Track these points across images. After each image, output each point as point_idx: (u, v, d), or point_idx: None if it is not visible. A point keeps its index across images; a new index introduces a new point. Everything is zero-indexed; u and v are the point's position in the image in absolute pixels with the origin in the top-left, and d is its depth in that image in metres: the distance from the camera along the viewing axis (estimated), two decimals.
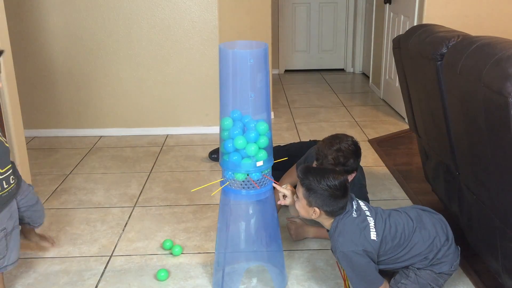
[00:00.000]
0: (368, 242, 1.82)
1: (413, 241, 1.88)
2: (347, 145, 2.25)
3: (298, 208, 1.91)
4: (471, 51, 1.82)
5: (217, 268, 2.09)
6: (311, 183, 1.83)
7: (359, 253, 1.81)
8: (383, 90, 5.04)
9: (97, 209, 2.81)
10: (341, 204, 1.85)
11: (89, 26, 3.80)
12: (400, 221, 1.90)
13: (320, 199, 1.83)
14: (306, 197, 1.85)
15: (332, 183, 1.82)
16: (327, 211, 1.85)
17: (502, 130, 1.59)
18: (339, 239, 1.84)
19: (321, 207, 1.84)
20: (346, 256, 1.82)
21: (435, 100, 2.22)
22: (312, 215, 1.87)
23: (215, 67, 3.82)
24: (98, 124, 4.05)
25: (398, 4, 4.52)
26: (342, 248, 1.82)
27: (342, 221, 1.86)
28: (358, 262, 1.81)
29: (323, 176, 1.83)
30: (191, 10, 3.83)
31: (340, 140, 2.28)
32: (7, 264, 1.91)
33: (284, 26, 6.40)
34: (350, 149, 2.24)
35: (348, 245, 1.82)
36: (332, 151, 2.23)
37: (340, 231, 1.85)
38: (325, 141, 2.31)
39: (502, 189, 1.72)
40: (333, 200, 1.83)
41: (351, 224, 1.85)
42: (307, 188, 1.84)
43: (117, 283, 2.16)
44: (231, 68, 1.81)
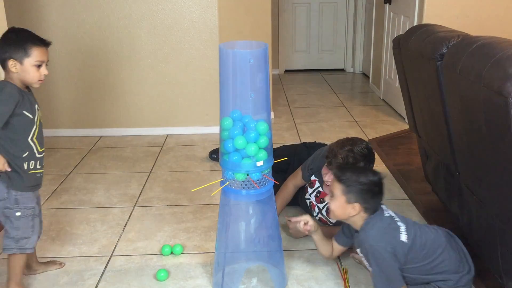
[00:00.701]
0: (398, 243, 1.81)
1: (441, 257, 1.87)
2: (360, 148, 2.26)
3: (334, 207, 1.89)
4: (471, 51, 1.82)
5: (217, 268, 2.09)
6: (350, 178, 1.84)
7: (388, 251, 1.80)
8: (383, 90, 5.04)
9: (97, 209, 2.81)
10: (378, 201, 1.86)
11: (89, 26, 3.80)
12: (430, 234, 1.89)
13: (360, 194, 1.83)
14: (345, 193, 1.85)
15: (371, 179, 1.84)
16: (366, 208, 1.85)
17: (502, 130, 1.59)
18: (371, 232, 1.83)
19: (361, 203, 1.84)
20: (375, 250, 1.80)
21: (435, 100, 2.22)
22: (350, 213, 1.86)
23: (215, 67, 3.82)
24: (98, 124, 4.05)
25: (398, 4, 4.52)
26: (371, 242, 1.81)
27: (375, 218, 1.86)
28: (385, 259, 1.80)
29: (361, 172, 1.87)
30: (191, 10, 3.83)
31: (354, 142, 2.29)
32: (28, 246, 1.99)
33: (284, 26, 6.40)
34: (362, 152, 2.25)
35: (379, 240, 1.81)
36: (343, 151, 2.24)
37: (372, 226, 1.84)
38: (338, 141, 2.32)
39: (502, 189, 1.72)
40: (372, 196, 1.84)
41: (383, 223, 1.85)
42: (346, 184, 1.84)
43: (117, 283, 2.16)
44: (231, 68, 1.81)
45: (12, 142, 1.88)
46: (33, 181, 1.98)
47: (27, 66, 1.84)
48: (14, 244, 1.97)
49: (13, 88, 1.84)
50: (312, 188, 2.51)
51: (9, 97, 1.81)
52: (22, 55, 1.83)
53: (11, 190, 1.92)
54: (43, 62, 1.88)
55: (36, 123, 1.94)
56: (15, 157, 1.89)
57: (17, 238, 1.96)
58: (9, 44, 1.84)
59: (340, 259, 2.30)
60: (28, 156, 1.92)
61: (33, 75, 1.87)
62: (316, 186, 2.49)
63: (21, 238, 1.97)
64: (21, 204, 1.94)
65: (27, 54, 1.84)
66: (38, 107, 1.97)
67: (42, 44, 1.88)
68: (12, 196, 1.93)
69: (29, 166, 1.93)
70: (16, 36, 1.86)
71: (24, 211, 1.95)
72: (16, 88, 1.85)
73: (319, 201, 2.48)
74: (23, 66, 1.84)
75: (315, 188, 2.50)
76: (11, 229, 1.96)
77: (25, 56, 1.84)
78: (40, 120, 1.98)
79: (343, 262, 2.28)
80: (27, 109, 1.89)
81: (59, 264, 2.26)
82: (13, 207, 1.94)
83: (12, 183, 1.92)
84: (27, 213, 1.96)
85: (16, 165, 1.90)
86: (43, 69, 1.88)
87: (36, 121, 1.94)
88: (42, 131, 1.99)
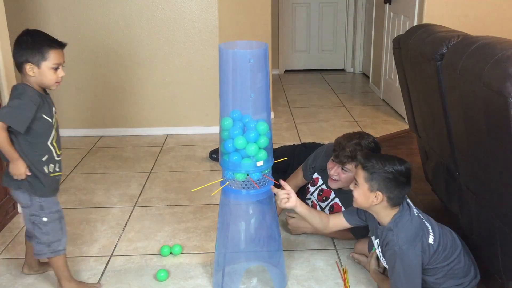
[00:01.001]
0: (426, 246, 1.79)
1: (458, 259, 1.86)
2: (368, 142, 2.25)
3: (357, 195, 1.83)
4: (471, 51, 1.82)
5: (217, 268, 2.09)
6: (375, 166, 1.77)
7: (417, 254, 1.76)
8: (383, 90, 5.04)
9: (97, 209, 2.81)
10: (404, 192, 1.80)
11: (89, 27, 3.80)
12: (449, 235, 1.88)
13: (384, 183, 1.77)
14: (368, 181, 1.79)
15: (398, 168, 1.76)
16: (390, 197, 1.78)
17: (502, 130, 1.59)
18: (400, 235, 1.78)
19: (384, 192, 1.78)
20: (403, 253, 1.76)
21: (435, 100, 2.22)
22: (372, 201, 1.80)
23: (215, 67, 3.81)
24: (98, 124, 4.05)
25: (398, 4, 4.52)
26: (401, 244, 1.76)
27: (404, 218, 1.80)
28: (412, 262, 1.77)
29: (387, 160, 1.78)
30: (191, 10, 3.83)
31: (361, 136, 2.28)
32: (60, 248, 2.00)
33: (284, 26, 6.40)
34: (369, 146, 2.24)
35: (410, 244, 1.77)
36: (351, 144, 2.23)
37: (402, 227, 1.79)
38: (345, 135, 2.32)
39: (502, 189, 1.72)
40: (397, 186, 1.77)
41: (414, 224, 1.80)
42: (370, 171, 1.78)
43: (117, 283, 2.16)
44: (231, 68, 1.81)
45: (32, 146, 1.86)
46: (54, 184, 1.97)
47: (45, 69, 1.82)
48: (46, 248, 1.97)
49: (33, 92, 1.82)
50: (315, 187, 2.51)
51: (30, 101, 1.79)
52: (39, 59, 1.81)
53: (34, 196, 1.91)
54: (60, 64, 1.86)
55: (54, 126, 1.92)
56: (35, 161, 1.87)
57: (48, 242, 1.96)
58: (25, 48, 1.81)
59: (340, 259, 2.30)
60: (48, 160, 1.91)
61: (50, 78, 1.84)
62: (319, 184, 2.49)
63: (52, 242, 1.97)
64: (46, 210, 1.93)
65: (44, 57, 1.81)
66: (55, 109, 1.95)
67: (59, 46, 1.86)
68: (36, 203, 1.92)
69: (49, 169, 1.92)
70: (32, 39, 1.82)
71: (50, 216, 1.94)
72: (36, 92, 1.83)
73: (321, 200, 2.48)
74: (40, 69, 1.82)
75: (317, 186, 2.50)
76: (40, 234, 1.95)
77: (42, 60, 1.81)
78: (57, 122, 1.96)
79: (343, 262, 2.28)
80: (46, 112, 1.87)
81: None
82: (39, 214, 1.93)
83: (34, 189, 1.90)
84: (53, 217, 1.96)
85: (37, 170, 1.88)
86: (60, 71, 1.87)
87: (54, 124, 1.92)
88: (59, 133, 1.98)
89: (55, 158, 1.94)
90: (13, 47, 1.84)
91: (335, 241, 2.45)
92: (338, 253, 2.36)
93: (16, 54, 1.83)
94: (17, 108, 1.78)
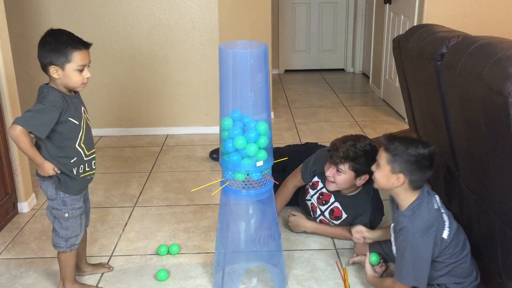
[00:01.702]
0: (438, 240, 1.79)
1: (465, 259, 1.86)
2: (363, 144, 2.25)
3: (378, 177, 1.83)
4: (471, 51, 1.83)
5: (217, 268, 2.09)
6: (398, 148, 1.77)
7: (429, 245, 1.76)
8: (383, 90, 5.04)
9: (97, 209, 2.81)
10: (426, 176, 1.79)
11: (89, 26, 3.80)
12: (462, 235, 1.89)
13: (406, 165, 1.76)
14: (390, 163, 1.78)
15: (421, 151, 1.76)
16: (411, 180, 1.78)
17: (502, 130, 1.59)
18: (416, 223, 1.78)
19: (406, 174, 1.77)
20: (415, 241, 1.76)
21: (435, 100, 2.23)
22: (393, 183, 1.79)
23: (215, 67, 3.82)
24: (99, 124, 4.05)
25: (398, 4, 4.52)
26: (414, 232, 1.76)
27: (423, 207, 1.80)
28: (422, 252, 1.77)
29: (411, 143, 1.78)
30: (191, 10, 3.83)
31: (357, 138, 2.28)
32: (77, 243, 1.99)
33: (284, 26, 6.40)
34: (365, 149, 2.24)
35: (423, 234, 1.77)
36: (346, 145, 2.24)
37: (419, 216, 1.79)
38: (342, 137, 2.32)
39: (502, 189, 1.72)
40: (419, 169, 1.76)
41: (431, 216, 1.80)
42: (392, 153, 1.77)
43: (117, 283, 2.16)
44: (231, 68, 1.81)
45: (59, 149, 1.84)
46: (84, 183, 1.97)
47: (69, 71, 1.77)
48: (64, 243, 1.96)
49: (56, 95, 1.78)
50: (315, 190, 2.50)
51: (52, 106, 1.76)
52: (63, 61, 1.76)
53: (59, 191, 1.90)
54: (85, 66, 1.81)
55: (82, 128, 1.89)
56: (64, 164, 1.86)
57: (66, 237, 1.96)
58: (49, 50, 1.76)
59: (340, 259, 2.30)
60: (77, 162, 1.89)
61: (75, 80, 1.80)
62: (319, 187, 2.48)
63: (70, 237, 1.96)
64: (68, 206, 1.92)
65: (68, 59, 1.76)
66: (85, 109, 1.93)
67: (83, 47, 1.81)
68: (60, 198, 1.91)
69: (78, 170, 1.91)
70: (56, 40, 1.77)
71: (72, 212, 1.94)
72: (60, 95, 1.79)
73: (321, 203, 2.47)
74: (64, 71, 1.77)
75: (317, 190, 2.49)
76: (60, 229, 1.95)
77: (66, 62, 1.76)
78: (87, 122, 1.93)
79: (343, 262, 2.28)
80: (73, 115, 1.83)
81: (107, 267, 2.24)
82: (61, 209, 1.92)
83: (61, 186, 1.89)
84: (75, 213, 1.95)
85: (67, 170, 1.87)
86: (85, 73, 1.81)
87: (83, 125, 1.89)
88: (90, 133, 1.95)
89: (84, 158, 1.92)
90: (38, 48, 1.79)
91: (335, 241, 2.45)
92: (338, 253, 2.36)
93: (40, 55, 1.78)
94: (38, 113, 1.75)
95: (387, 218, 2.59)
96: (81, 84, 1.83)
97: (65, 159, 1.86)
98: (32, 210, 2.81)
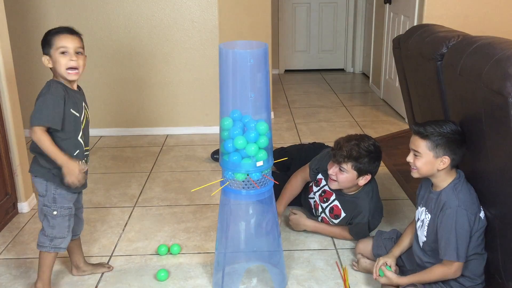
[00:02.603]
0: (477, 217, 1.80)
1: (483, 257, 1.87)
2: (367, 144, 2.25)
3: (421, 165, 1.83)
4: (471, 51, 1.83)
5: (217, 268, 2.09)
6: (434, 132, 1.79)
7: (470, 219, 1.77)
8: (383, 90, 5.04)
9: (97, 209, 2.81)
10: (462, 152, 1.83)
11: (89, 26, 3.80)
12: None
13: (448, 146, 1.78)
14: (432, 149, 1.79)
15: (453, 128, 1.80)
16: (454, 159, 1.81)
17: (502, 130, 1.59)
18: (460, 196, 1.79)
19: (449, 155, 1.79)
20: (460, 214, 1.77)
21: (435, 100, 2.23)
22: (439, 167, 1.81)
23: (215, 67, 3.82)
24: (99, 124, 4.05)
25: (398, 4, 4.52)
26: (460, 204, 1.77)
27: (464, 185, 1.82)
28: (464, 225, 1.77)
29: (441, 124, 1.81)
30: (191, 10, 3.83)
31: (361, 138, 2.28)
32: (62, 246, 1.99)
33: (284, 26, 6.40)
34: (368, 149, 2.24)
35: (468, 206, 1.78)
36: (349, 144, 2.24)
37: (462, 191, 1.81)
38: (346, 136, 2.33)
39: (502, 189, 1.72)
40: (459, 146, 1.80)
41: (472, 192, 1.82)
42: (433, 139, 1.79)
43: (117, 283, 2.16)
44: (231, 68, 1.81)
45: (63, 142, 1.86)
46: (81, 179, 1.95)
47: (55, 56, 1.82)
48: (48, 242, 1.97)
49: (57, 86, 1.83)
50: (318, 187, 2.51)
51: (56, 96, 1.80)
52: (48, 48, 1.82)
53: (50, 187, 1.90)
54: (67, 48, 1.82)
55: (82, 122, 1.92)
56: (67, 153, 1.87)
57: (51, 236, 1.96)
58: (41, 44, 1.85)
59: (340, 259, 2.30)
60: (79, 154, 1.92)
61: (60, 63, 1.82)
62: (322, 184, 2.49)
63: (55, 237, 1.97)
64: (58, 204, 1.94)
65: (50, 44, 1.82)
66: (86, 105, 1.96)
67: (66, 31, 1.85)
68: (51, 194, 1.92)
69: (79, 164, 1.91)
70: (48, 33, 1.85)
71: (60, 211, 1.95)
72: (61, 85, 1.84)
73: (322, 200, 2.48)
74: (52, 58, 1.83)
75: (321, 187, 2.50)
76: (47, 227, 1.96)
77: (50, 48, 1.82)
78: (87, 118, 1.96)
79: (343, 262, 2.28)
80: (73, 107, 1.87)
81: (107, 267, 2.24)
82: (51, 205, 1.93)
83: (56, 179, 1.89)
84: (63, 213, 1.95)
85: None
86: (70, 56, 1.82)
87: (83, 119, 1.92)
88: (88, 129, 1.98)
89: (84, 153, 1.95)
90: None
91: (335, 241, 2.45)
92: (338, 253, 2.36)
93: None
94: (46, 107, 1.79)
95: (387, 219, 2.59)
96: (66, 69, 1.83)
97: (69, 152, 1.87)
98: (32, 210, 2.81)
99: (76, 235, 2.12)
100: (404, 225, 2.42)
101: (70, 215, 1.98)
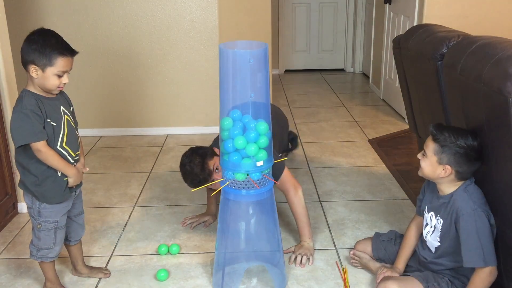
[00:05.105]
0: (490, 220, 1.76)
1: None
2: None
3: (424, 166, 1.80)
4: (471, 51, 1.83)
5: (217, 268, 2.09)
6: (447, 139, 1.74)
7: (487, 219, 1.74)
8: (383, 90, 5.04)
9: (97, 209, 2.81)
10: (474, 168, 1.76)
11: (89, 27, 3.80)
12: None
13: (454, 157, 1.74)
14: (437, 153, 1.76)
15: (470, 143, 1.73)
16: (458, 172, 1.76)
17: (502, 130, 1.59)
18: (473, 197, 1.75)
19: (453, 166, 1.75)
20: (478, 215, 1.73)
21: (435, 100, 2.23)
22: (439, 174, 1.78)
23: (215, 67, 3.83)
24: (99, 124, 4.05)
25: (398, 4, 4.52)
26: (476, 207, 1.73)
27: (474, 187, 1.79)
28: (486, 226, 1.73)
29: (460, 133, 1.75)
30: (191, 10, 3.83)
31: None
32: (49, 256, 1.99)
33: (284, 26, 6.40)
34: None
35: (482, 206, 1.75)
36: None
37: (473, 193, 1.77)
38: None
39: (502, 189, 1.72)
40: (467, 161, 1.74)
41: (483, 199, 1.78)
42: (441, 144, 1.75)
43: (117, 283, 2.16)
44: (231, 68, 1.81)
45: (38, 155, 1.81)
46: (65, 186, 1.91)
47: (49, 74, 1.75)
48: (35, 251, 1.98)
49: (30, 100, 1.76)
50: None
51: (29, 111, 1.74)
52: (45, 63, 1.74)
53: (35, 201, 1.89)
54: (65, 72, 1.79)
55: (63, 129, 1.85)
56: (43, 169, 1.84)
57: (38, 247, 1.97)
58: (34, 49, 1.73)
59: (340, 259, 2.30)
60: None
61: (52, 83, 1.77)
62: None
63: (41, 249, 1.97)
64: (42, 217, 1.92)
65: (50, 63, 1.74)
66: (67, 110, 1.89)
67: (69, 53, 1.78)
68: (36, 207, 1.91)
69: (63, 173, 1.88)
70: (43, 41, 1.74)
71: (45, 225, 1.93)
72: (33, 98, 1.77)
73: None
74: (44, 73, 1.75)
75: None
76: (34, 237, 1.97)
77: (48, 65, 1.74)
78: (72, 123, 1.90)
79: (343, 262, 2.28)
80: (49, 116, 1.80)
81: (105, 273, 2.20)
82: (36, 218, 1.92)
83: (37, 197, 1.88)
84: (48, 226, 1.93)
85: (45, 177, 1.85)
86: (64, 78, 1.80)
87: (63, 126, 1.85)
88: (74, 134, 1.91)
89: (71, 161, 1.89)
90: (23, 43, 1.76)
91: (335, 241, 2.45)
92: (338, 253, 2.36)
93: (24, 51, 1.75)
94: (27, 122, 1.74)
95: (386, 219, 2.59)
96: (57, 88, 1.81)
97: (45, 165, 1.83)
98: None
99: (76, 240, 2.12)
100: (403, 225, 2.42)
101: (56, 228, 1.95)
